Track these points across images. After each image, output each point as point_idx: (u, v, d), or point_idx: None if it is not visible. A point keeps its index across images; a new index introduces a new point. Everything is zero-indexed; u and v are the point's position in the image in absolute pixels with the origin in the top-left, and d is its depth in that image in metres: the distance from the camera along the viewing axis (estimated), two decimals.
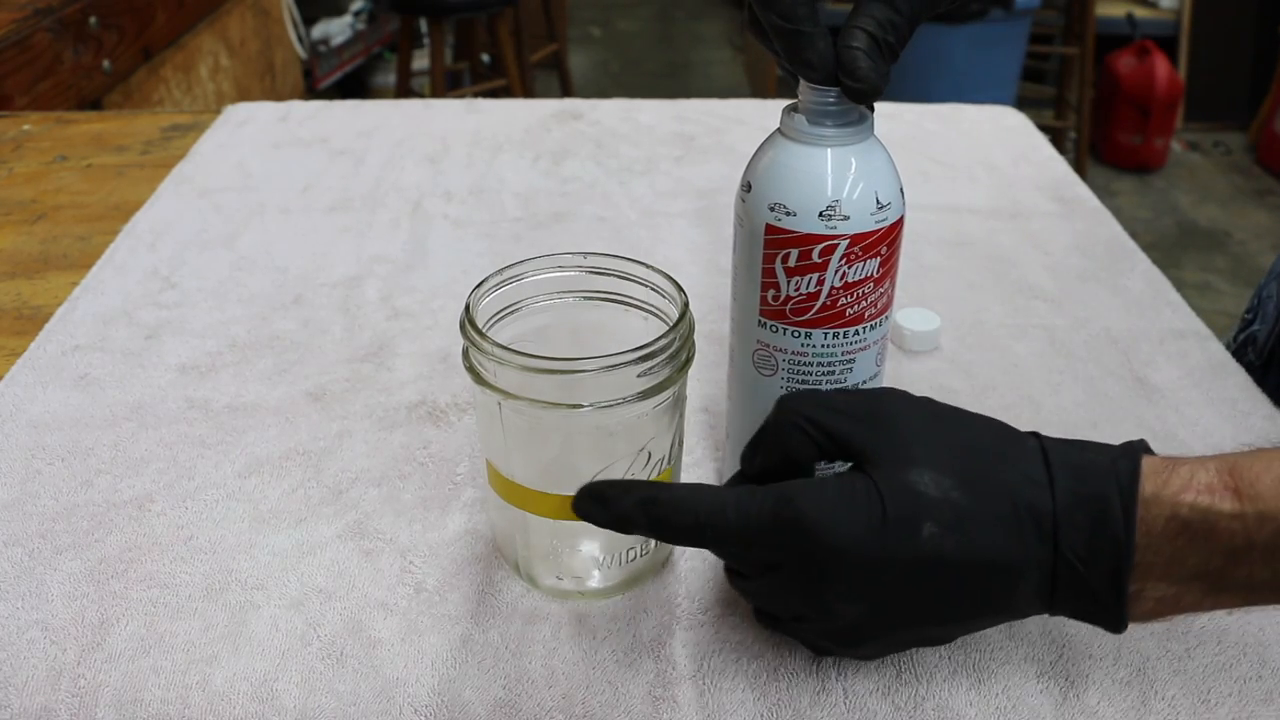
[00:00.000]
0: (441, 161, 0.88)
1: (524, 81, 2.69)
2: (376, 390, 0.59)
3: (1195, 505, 0.35)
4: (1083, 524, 0.35)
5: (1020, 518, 0.36)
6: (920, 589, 0.36)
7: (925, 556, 0.36)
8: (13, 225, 0.78)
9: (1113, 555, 0.35)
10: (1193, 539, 0.35)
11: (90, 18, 1.33)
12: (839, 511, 0.36)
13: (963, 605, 0.37)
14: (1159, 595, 0.37)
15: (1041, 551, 0.36)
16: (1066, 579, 0.36)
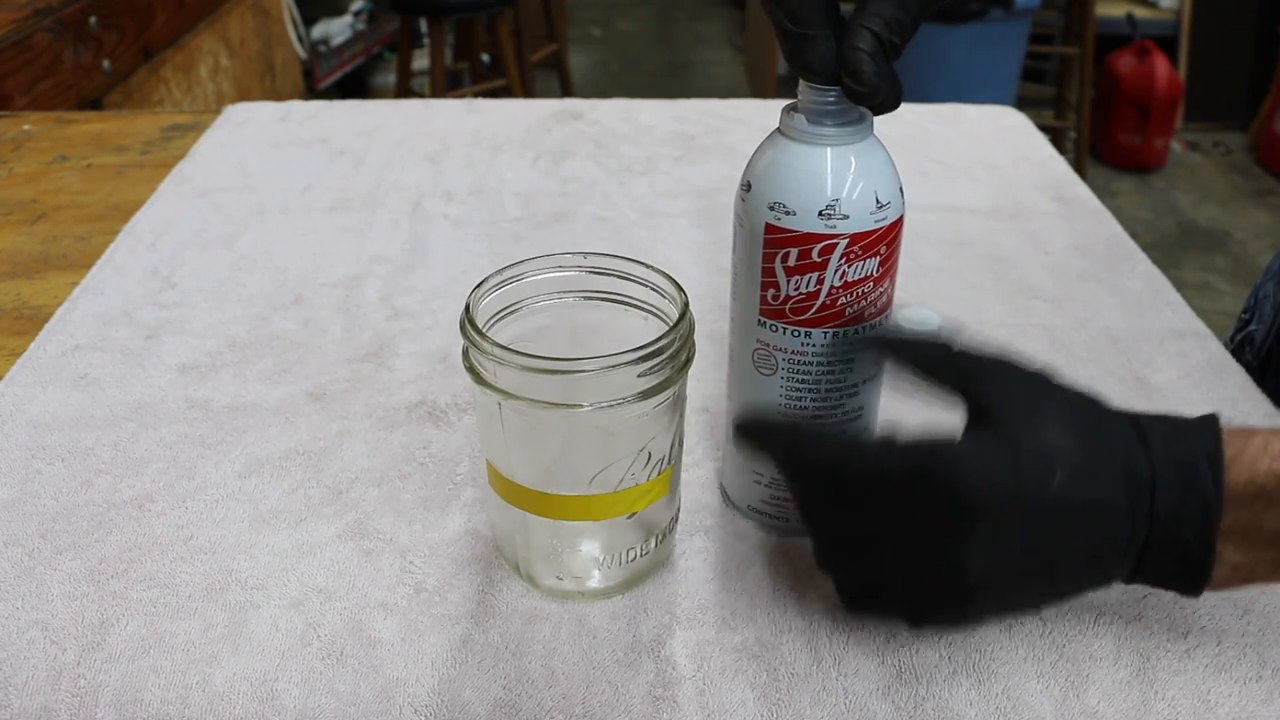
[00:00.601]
0: (441, 161, 0.88)
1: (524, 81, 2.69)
2: (376, 390, 0.59)
3: (1271, 469, 0.37)
4: (1174, 484, 0.37)
5: (1128, 475, 0.37)
6: (1046, 536, 0.37)
7: (1056, 502, 0.37)
8: (13, 225, 0.78)
9: (1202, 514, 0.37)
10: (1270, 503, 0.37)
11: (90, 18, 1.33)
12: (977, 458, 0.37)
13: (1078, 558, 0.38)
14: (1235, 562, 0.38)
15: (1142, 508, 0.37)
16: (1160, 536, 0.37)
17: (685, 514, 0.50)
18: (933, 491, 0.37)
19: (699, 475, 0.53)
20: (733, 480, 0.50)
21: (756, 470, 0.47)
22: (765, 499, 0.48)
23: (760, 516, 0.49)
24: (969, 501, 0.36)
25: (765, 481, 0.47)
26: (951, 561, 0.37)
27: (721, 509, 0.51)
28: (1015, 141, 0.91)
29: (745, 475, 0.48)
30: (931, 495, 0.37)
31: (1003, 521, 0.37)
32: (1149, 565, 0.38)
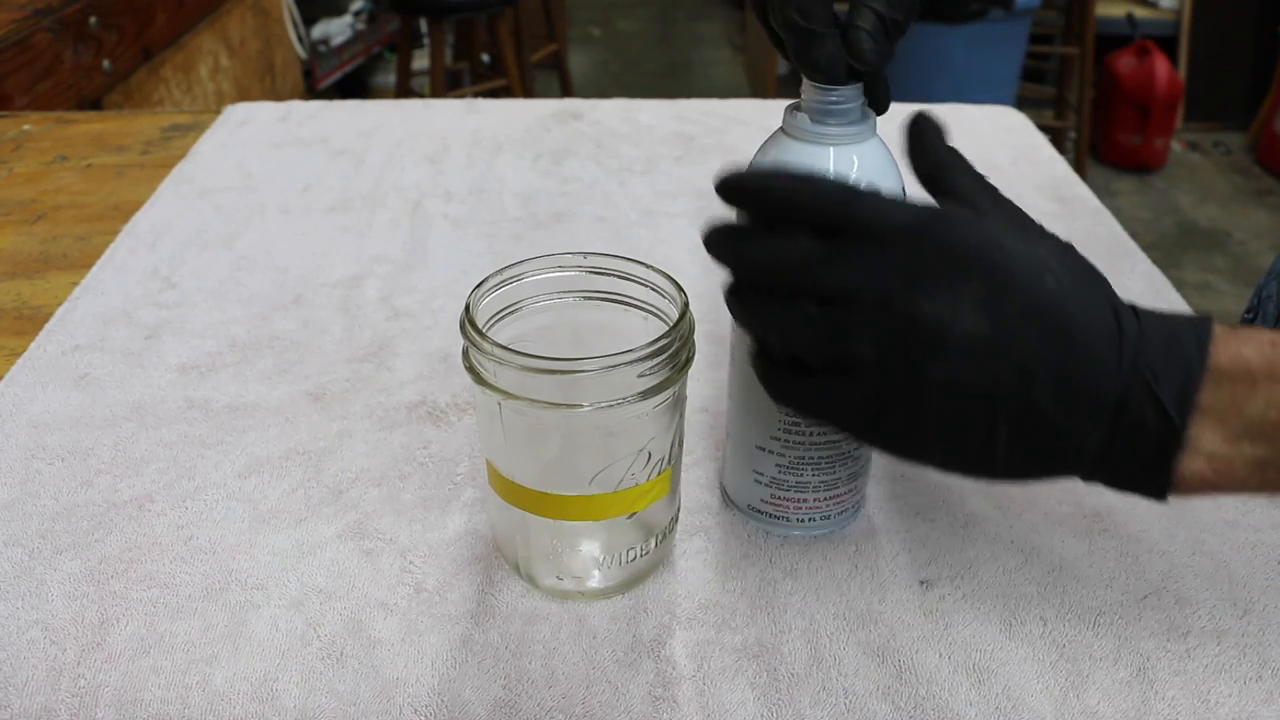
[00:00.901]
0: (441, 161, 0.88)
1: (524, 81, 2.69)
2: (376, 390, 0.59)
3: (1260, 350, 0.36)
4: (1158, 343, 0.36)
5: (1115, 316, 0.37)
6: (1033, 331, 0.36)
7: (1046, 295, 0.36)
8: (13, 225, 0.78)
9: (1183, 372, 0.36)
10: (1254, 384, 0.36)
11: (90, 18, 1.33)
12: (976, 226, 0.37)
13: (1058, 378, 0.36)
14: (1211, 451, 0.37)
15: (1128, 352, 0.36)
16: (1138, 394, 0.36)
17: (685, 514, 0.50)
18: (930, 243, 0.36)
19: (699, 475, 0.53)
20: (732, 480, 0.50)
21: (757, 470, 0.47)
22: (765, 499, 0.48)
23: (760, 516, 0.49)
24: (965, 258, 0.36)
25: (765, 481, 0.47)
26: (942, 317, 0.35)
27: (721, 509, 0.51)
28: (1015, 141, 0.91)
29: (746, 475, 0.48)
30: (928, 247, 0.36)
31: (994, 287, 0.36)
32: (1123, 427, 0.36)
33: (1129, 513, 0.50)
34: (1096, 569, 0.47)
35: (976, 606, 0.45)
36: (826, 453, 0.46)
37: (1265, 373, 0.36)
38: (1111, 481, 0.38)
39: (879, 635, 0.44)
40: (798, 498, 0.47)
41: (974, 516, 0.50)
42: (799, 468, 0.46)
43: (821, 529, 0.49)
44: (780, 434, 0.46)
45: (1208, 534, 0.49)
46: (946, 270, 0.36)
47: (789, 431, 0.45)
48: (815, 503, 0.48)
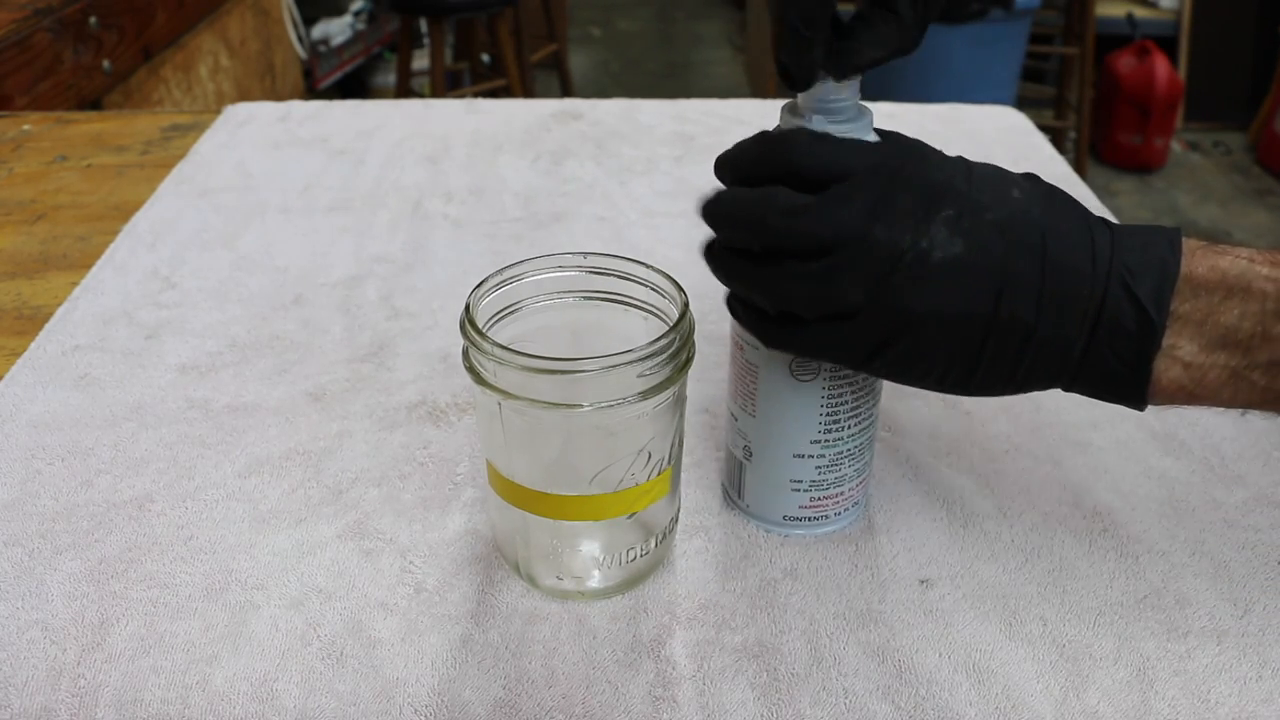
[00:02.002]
0: (441, 161, 0.88)
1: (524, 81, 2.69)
2: (376, 390, 0.59)
3: (1236, 264, 0.37)
4: (1132, 245, 0.38)
5: (1090, 224, 0.38)
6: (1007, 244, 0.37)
7: (1015, 208, 0.37)
8: (13, 225, 0.78)
9: (1158, 271, 0.37)
10: (1230, 293, 0.37)
11: (90, 18, 1.33)
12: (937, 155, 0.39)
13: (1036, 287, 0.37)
14: (1187, 360, 0.38)
15: (1100, 263, 0.37)
16: (1116, 294, 0.37)
17: (685, 514, 0.50)
18: (899, 178, 0.37)
19: (699, 475, 0.53)
20: (760, 496, 0.49)
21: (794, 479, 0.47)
22: (804, 504, 0.48)
23: (797, 523, 0.48)
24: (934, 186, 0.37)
25: (804, 487, 0.47)
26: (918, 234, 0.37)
27: (721, 509, 0.51)
28: (1015, 141, 0.91)
29: (779, 488, 0.47)
30: (898, 183, 0.37)
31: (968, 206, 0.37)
32: (1104, 328, 0.37)
33: (1129, 513, 0.50)
34: (1096, 569, 0.47)
35: (976, 606, 0.45)
36: (860, 440, 0.46)
37: (1240, 285, 0.37)
38: (1092, 388, 0.39)
39: (879, 635, 0.44)
40: (836, 493, 0.47)
41: (974, 516, 0.50)
42: (838, 464, 0.46)
43: (853, 515, 0.49)
44: (820, 435, 0.45)
45: (1208, 534, 0.49)
46: (918, 201, 0.37)
47: (829, 431, 0.45)
48: (850, 492, 0.48)
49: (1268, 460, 0.54)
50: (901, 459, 0.54)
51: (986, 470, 0.53)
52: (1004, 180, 0.38)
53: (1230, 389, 0.38)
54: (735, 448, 0.49)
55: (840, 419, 0.45)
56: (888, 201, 0.37)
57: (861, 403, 0.45)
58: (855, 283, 0.37)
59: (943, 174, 0.38)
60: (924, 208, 0.37)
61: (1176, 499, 0.51)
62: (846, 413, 0.45)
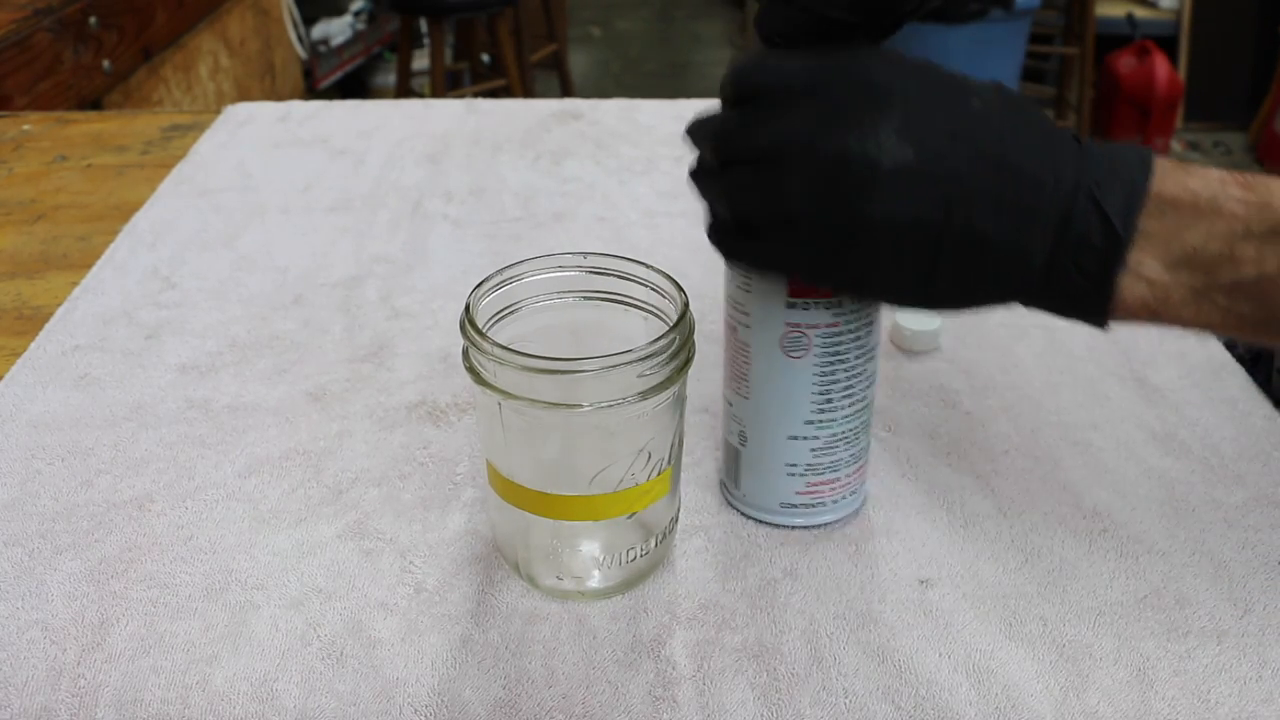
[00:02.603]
0: (441, 161, 0.88)
1: (524, 81, 2.70)
2: (376, 390, 0.59)
3: (1207, 184, 0.37)
4: (1102, 159, 0.37)
5: (1057, 134, 0.38)
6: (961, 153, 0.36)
7: (972, 117, 0.37)
8: (13, 225, 0.78)
9: (1128, 187, 0.37)
10: (1198, 213, 0.37)
11: (90, 18, 1.33)
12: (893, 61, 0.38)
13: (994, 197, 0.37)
14: (1152, 277, 0.37)
15: (1065, 175, 0.37)
16: (1083, 206, 0.37)
17: (685, 514, 0.50)
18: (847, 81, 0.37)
19: (699, 475, 0.53)
20: (755, 483, 0.49)
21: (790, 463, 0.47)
22: (800, 489, 0.48)
23: (793, 511, 0.48)
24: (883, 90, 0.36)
25: (800, 470, 0.47)
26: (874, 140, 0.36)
27: (722, 509, 0.51)
28: None
29: (774, 473, 0.48)
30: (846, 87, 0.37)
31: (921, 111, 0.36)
32: (1068, 241, 0.37)
33: (1129, 513, 0.50)
34: (1096, 569, 0.47)
35: (976, 606, 0.45)
36: (855, 423, 0.46)
37: (1209, 205, 0.37)
38: (1055, 303, 0.39)
39: (879, 635, 0.44)
40: (832, 479, 0.47)
41: (974, 516, 0.50)
42: (833, 447, 0.46)
43: (852, 504, 0.49)
44: (814, 415, 0.45)
45: (1208, 534, 0.49)
46: (866, 106, 0.36)
47: (822, 412, 0.45)
48: (847, 479, 0.48)
49: (1268, 460, 0.54)
50: (901, 459, 0.54)
51: (986, 470, 0.53)
52: (964, 89, 0.38)
53: (1192, 309, 0.38)
54: (731, 435, 0.49)
55: (834, 399, 0.45)
56: (835, 108, 0.37)
57: (855, 382, 0.45)
58: (800, 188, 0.37)
59: (897, 80, 0.37)
60: (872, 114, 0.36)
61: (1176, 499, 0.51)
62: (840, 392, 0.45)
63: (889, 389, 0.58)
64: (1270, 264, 0.37)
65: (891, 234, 0.37)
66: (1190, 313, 0.38)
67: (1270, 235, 0.37)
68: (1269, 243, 0.37)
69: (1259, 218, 0.37)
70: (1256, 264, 0.37)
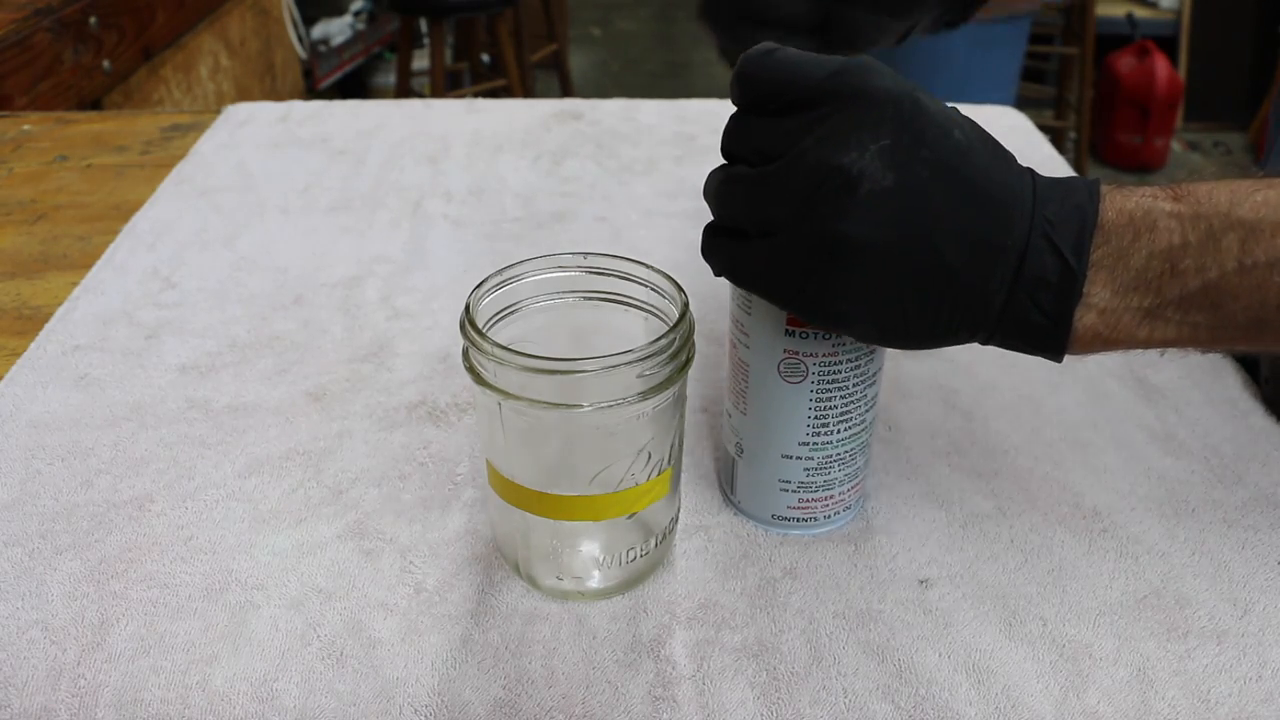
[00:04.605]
0: (441, 161, 0.88)
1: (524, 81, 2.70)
2: (376, 390, 0.59)
3: (1140, 202, 0.38)
4: (1054, 195, 0.38)
5: (1020, 171, 0.39)
6: (939, 184, 0.37)
7: (953, 149, 0.37)
8: (13, 225, 0.78)
9: (1078, 221, 0.37)
10: (1136, 234, 0.38)
11: (90, 18, 1.33)
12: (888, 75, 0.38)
13: (964, 230, 0.37)
14: (1102, 306, 0.38)
15: (1024, 212, 0.37)
16: (1038, 243, 0.37)
17: (685, 514, 0.50)
18: (846, 95, 0.37)
19: (699, 475, 0.53)
20: (750, 494, 0.49)
21: (783, 479, 0.47)
22: (792, 504, 0.48)
23: (785, 523, 0.48)
24: (878, 110, 0.37)
25: (793, 487, 0.47)
26: (859, 156, 0.36)
27: (721, 509, 0.51)
28: (1015, 141, 0.90)
29: (769, 487, 0.48)
30: (844, 100, 0.37)
31: (908, 140, 0.37)
32: (1026, 278, 0.37)
33: (1129, 513, 0.50)
34: (1096, 569, 0.47)
35: (976, 606, 0.45)
36: (851, 445, 0.46)
37: (1145, 223, 0.38)
38: (1012, 341, 0.39)
39: (879, 635, 0.44)
40: (825, 496, 0.47)
41: (974, 516, 0.50)
42: (827, 467, 0.46)
43: (845, 519, 0.49)
44: (809, 438, 0.45)
45: (1208, 534, 0.49)
46: (859, 123, 0.37)
47: (817, 434, 0.45)
48: (841, 495, 0.48)
49: (1268, 460, 0.54)
50: (901, 459, 0.54)
51: (986, 470, 0.53)
52: (948, 120, 0.38)
53: (1146, 329, 0.38)
54: (729, 444, 0.49)
55: (829, 422, 0.45)
56: (827, 123, 0.37)
57: (851, 408, 0.45)
58: (782, 196, 0.37)
59: (889, 104, 0.37)
60: (862, 133, 0.37)
61: (1176, 499, 0.51)
62: (835, 417, 0.45)
63: (889, 389, 0.58)
64: (1212, 271, 0.37)
65: (862, 255, 0.37)
66: (1145, 333, 0.38)
67: (1206, 242, 0.37)
68: (1207, 250, 0.37)
69: (1193, 227, 0.37)
70: (1199, 273, 0.37)
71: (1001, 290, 0.38)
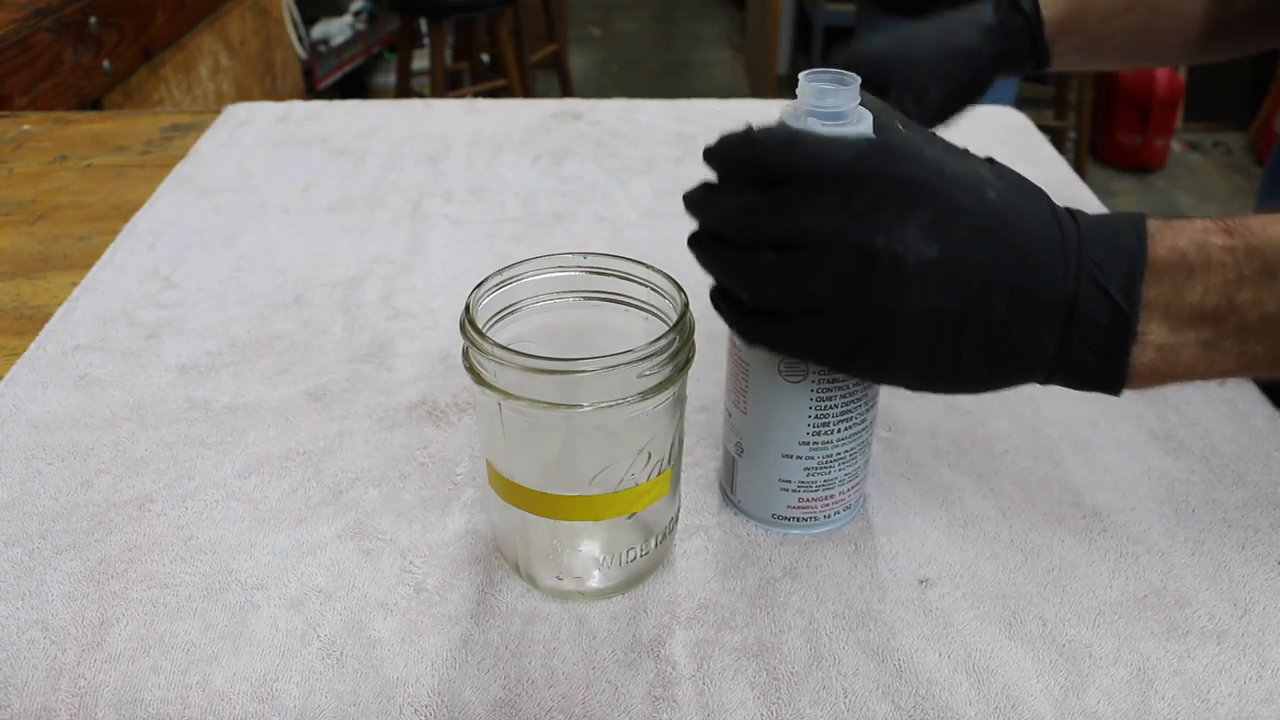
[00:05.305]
0: (441, 161, 0.88)
1: (524, 81, 2.70)
2: (376, 390, 0.59)
3: (1192, 239, 0.38)
4: (1099, 239, 0.38)
5: (1059, 219, 0.39)
6: (982, 247, 0.37)
7: (990, 211, 0.37)
8: (13, 225, 0.78)
9: (1126, 262, 0.38)
10: (1190, 272, 0.38)
11: (90, 18, 1.33)
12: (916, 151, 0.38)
13: (1011, 288, 0.37)
14: (1159, 342, 0.38)
15: (1070, 259, 0.38)
16: (1088, 290, 0.38)
17: (685, 514, 0.50)
18: (877, 177, 0.37)
19: (699, 475, 0.53)
20: (751, 493, 0.49)
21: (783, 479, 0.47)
22: (792, 504, 0.48)
23: (785, 523, 0.48)
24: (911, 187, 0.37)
25: (793, 487, 0.47)
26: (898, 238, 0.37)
27: (721, 509, 0.51)
28: (1016, 141, 0.91)
29: (769, 486, 0.48)
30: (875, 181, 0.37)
31: (945, 209, 0.37)
32: (1078, 324, 0.38)
33: (1129, 513, 0.50)
34: (1096, 569, 0.47)
35: (976, 606, 0.45)
36: (851, 445, 0.46)
37: (1199, 260, 0.38)
38: (1069, 381, 0.40)
39: (879, 635, 0.44)
40: (825, 496, 0.47)
41: (974, 516, 0.50)
42: (827, 467, 0.46)
43: (845, 519, 0.49)
44: (809, 438, 0.45)
45: (1208, 534, 0.49)
46: (894, 201, 0.37)
47: (817, 434, 0.45)
48: (841, 495, 0.48)
49: (1268, 460, 0.54)
50: (901, 459, 0.54)
51: (986, 470, 0.53)
52: (980, 180, 0.38)
53: (1205, 362, 0.39)
54: (729, 443, 0.49)
55: (829, 422, 0.45)
56: (863, 201, 0.37)
57: (852, 408, 0.45)
58: (827, 281, 0.38)
59: (921, 173, 0.38)
60: (900, 209, 0.37)
61: (1176, 499, 0.51)
62: (836, 417, 0.45)
63: (889, 389, 0.58)
64: (1270, 304, 0.38)
65: (914, 325, 0.38)
66: (1204, 365, 0.39)
67: (1263, 276, 0.38)
68: (1264, 284, 0.38)
69: (1248, 262, 0.38)
70: (1257, 306, 0.38)
71: (1054, 337, 0.38)
